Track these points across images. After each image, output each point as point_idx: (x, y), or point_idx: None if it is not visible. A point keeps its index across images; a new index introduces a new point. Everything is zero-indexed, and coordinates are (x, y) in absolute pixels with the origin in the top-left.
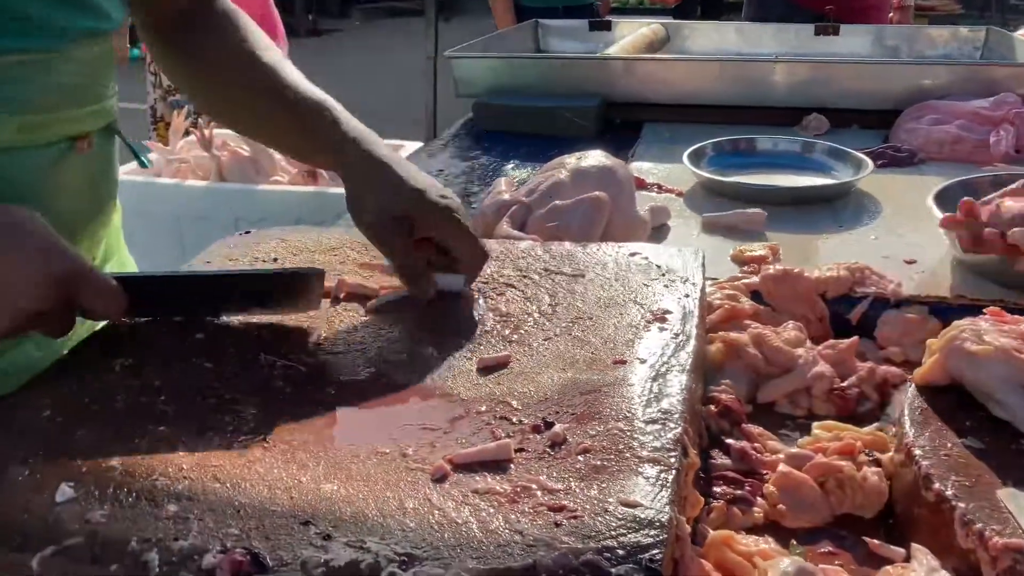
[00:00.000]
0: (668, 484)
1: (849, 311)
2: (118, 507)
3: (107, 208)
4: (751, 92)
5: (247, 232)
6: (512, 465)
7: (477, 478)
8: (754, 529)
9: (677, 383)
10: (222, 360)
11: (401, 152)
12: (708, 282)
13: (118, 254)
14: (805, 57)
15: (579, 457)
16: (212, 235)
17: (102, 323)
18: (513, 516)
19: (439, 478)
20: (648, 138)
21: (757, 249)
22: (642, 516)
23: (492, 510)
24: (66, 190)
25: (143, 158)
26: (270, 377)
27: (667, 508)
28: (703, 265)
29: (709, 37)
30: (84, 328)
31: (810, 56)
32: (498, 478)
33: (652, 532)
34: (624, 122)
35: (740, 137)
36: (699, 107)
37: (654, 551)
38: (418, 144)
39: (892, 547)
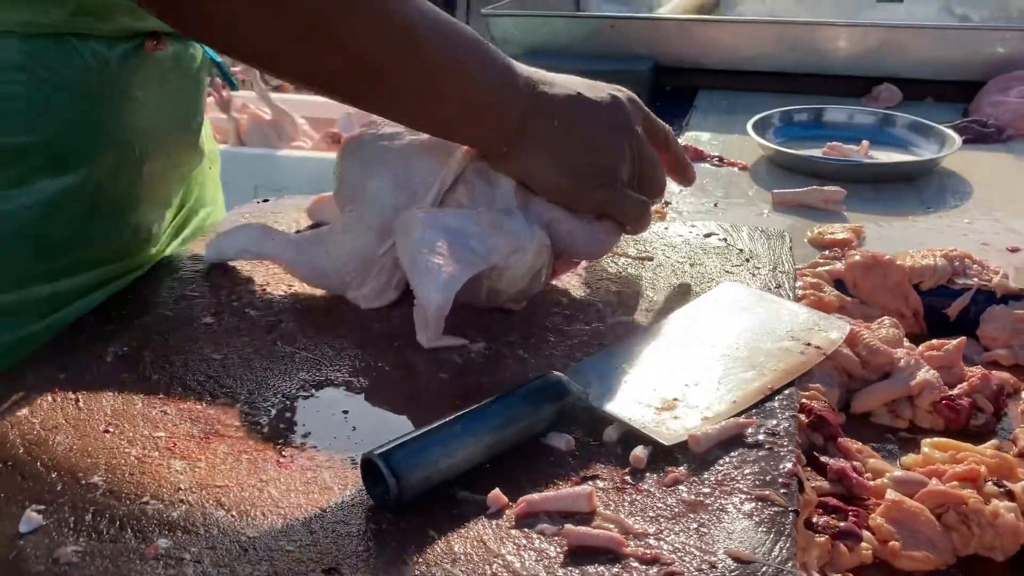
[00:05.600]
0: (786, 531)
1: (946, 305)
2: (96, 540)
3: (191, 140)
4: (815, 59)
5: (265, 200)
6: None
7: (542, 515)
8: (861, 570)
9: (785, 394)
10: (232, 350)
11: None
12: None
13: (213, 208)
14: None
15: (669, 489)
16: (229, 203)
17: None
18: (593, 568)
19: (494, 512)
20: (703, 106)
21: (839, 231)
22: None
23: (565, 560)
24: (137, 101)
25: (233, 80)
26: (290, 370)
27: (790, 566)
28: (791, 250)
29: (762, 1)
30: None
31: (878, 21)
32: (569, 516)
33: None
34: (675, 88)
35: (810, 107)
36: (757, 74)
37: None
38: None
39: None
